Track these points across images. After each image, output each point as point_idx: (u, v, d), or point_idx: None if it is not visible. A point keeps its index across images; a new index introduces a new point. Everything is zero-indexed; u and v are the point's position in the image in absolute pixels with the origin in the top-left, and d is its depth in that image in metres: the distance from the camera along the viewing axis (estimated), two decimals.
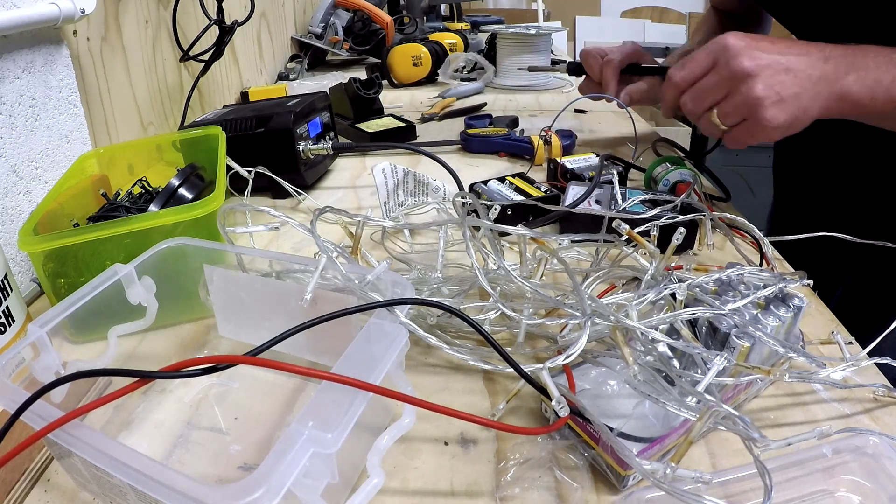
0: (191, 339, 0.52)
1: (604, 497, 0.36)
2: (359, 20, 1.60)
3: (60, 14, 0.61)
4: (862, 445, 0.35)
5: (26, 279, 0.61)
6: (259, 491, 0.26)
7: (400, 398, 0.32)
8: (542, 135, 0.86)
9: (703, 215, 0.55)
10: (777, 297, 0.41)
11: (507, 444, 0.40)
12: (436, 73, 1.43)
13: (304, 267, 0.46)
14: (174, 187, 0.61)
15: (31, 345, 0.38)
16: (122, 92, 0.79)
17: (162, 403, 0.45)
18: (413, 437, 0.41)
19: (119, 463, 0.28)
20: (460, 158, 0.94)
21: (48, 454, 0.39)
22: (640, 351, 0.37)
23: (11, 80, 0.59)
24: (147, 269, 0.47)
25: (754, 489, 0.33)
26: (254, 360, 0.32)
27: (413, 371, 0.47)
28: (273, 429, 0.42)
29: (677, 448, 0.34)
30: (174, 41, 0.91)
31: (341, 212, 0.53)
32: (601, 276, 0.49)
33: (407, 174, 0.69)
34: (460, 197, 0.58)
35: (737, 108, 0.57)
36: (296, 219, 0.47)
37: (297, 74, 1.46)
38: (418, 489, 0.37)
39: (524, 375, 0.36)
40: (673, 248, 0.47)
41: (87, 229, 0.51)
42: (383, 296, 0.41)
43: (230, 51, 1.16)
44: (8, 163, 0.58)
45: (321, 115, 0.85)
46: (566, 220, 0.67)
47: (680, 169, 0.70)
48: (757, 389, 0.43)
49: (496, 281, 0.49)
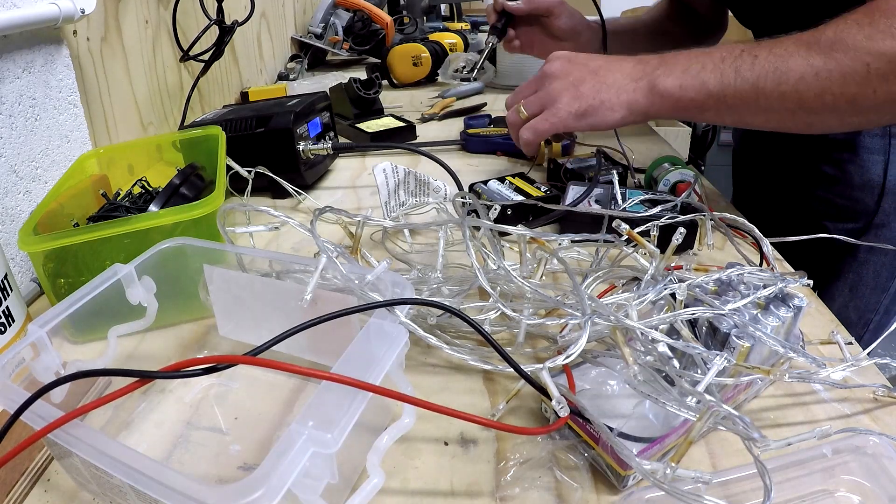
0: (191, 339, 0.52)
1: (604, 497, 0.36)
2: (359, 20, 1.60)
3: (60, 14, 0.61)
4: (862, 445, 0.35)
5: (26, 279, 0.61)
6: (259, 491, 0.26)
7: (400, 398, 0.32)
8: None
9: (703, 215, 0.55)
10: (777, 297, 0.41)
11: (507, 444, 0.40)
12: (436, 73, 1.43)
13: (304, 267, 0.46)
14: (174, 187, 0.61)
15: (31, 345, 0.38)
16: (121, 92, 0.79)
17: (162, 403, 0.45)
18: (413, 437, 0.41)
19: (119, 463, 0.28)
20: (460, 158, 0.93)
21: (48, 454, 0.39)
22: (640, 351, 0.37)
23: (11, 80, 0.59)
24: (147, 269, 0.46)
25: (754, 489, 0.33)
26: (254, 360, 0.32)
27: (413, 371, 0.47)
28: (273, 429, 0.42)
29: (677, 448, 0.34)
30: (174, 41, 0.91)
31: (341, 212, 0.53)
32: (601, 276, 0.49)
33: (408, 174, 0.69)
34: (460, 197, 0.58)
35: (538, 98, 0.66)
36: (296, 219, 0.47)
37: (297, 74, 1.46)
38: (418, 489, 0.37)
39: (524, 375, 0.36)
40: (673, 248, 0.47)
41: (87, 229, 0.51)
42: (383, 296, 0.41)
43: (230, 51, 1.16)
44: (8, 163, 0.58)
45: (321, 115, 0.85)
46: (566, 220, 0.67)
47: (680, 169, 0.70)
48: (757, 389, 0.43)
49: (496, 281, 0.49)
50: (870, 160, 0.75)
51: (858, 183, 0.76)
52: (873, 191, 0.76)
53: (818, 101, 0.53)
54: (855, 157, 0.76)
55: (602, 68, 0.63)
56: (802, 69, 0.53)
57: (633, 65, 0.62)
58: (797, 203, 0.84)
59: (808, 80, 0.52)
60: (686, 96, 0.58)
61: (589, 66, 0.64)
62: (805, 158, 0.81)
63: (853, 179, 0.77)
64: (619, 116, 0.62)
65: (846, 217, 0.79)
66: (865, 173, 0.76)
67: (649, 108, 0.61)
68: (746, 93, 0.55)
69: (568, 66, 0.65)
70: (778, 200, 0.89)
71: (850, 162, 0.76)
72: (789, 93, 0.54)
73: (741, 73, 0.55)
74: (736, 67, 0.56)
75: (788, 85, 0.53)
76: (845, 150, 0.76)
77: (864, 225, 0.78)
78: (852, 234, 0.71)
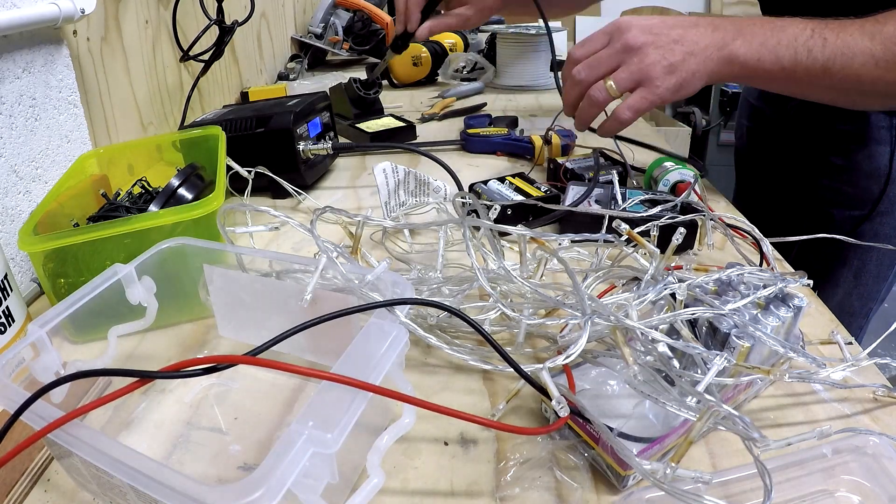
0: (191, 339, 0.52)
1: (604, 497, 0.36)
2: (359, 20, 1.60)
3: (60, 14, 0.60)
4: (862, 445, 0.35)
5: (26, 279, 0.61)
6: (259, 491, 0.26)
7: (400, 398, 0.32)
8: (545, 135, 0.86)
9: (703, 215, 0.55)
10: (777, 297, 0.41)
11: (507, 444, 0.40)
12: (436, 73, 1.43)
13: (304, 267, 0.46)
14: (174, 187, 0.61)
15: (31, 345, 0.38)
16: (121, 92, 0.79)
17: (162, 403, 0.45)
18: (413, 437, 0.41)
19: (119, 463, 0.28)
20: (460, 158, 0.93)
21: (48, 454, 0.39)
22: (640, 351, 0.37)
23: (11, 80, 0.59)
24: (147, 269, 0.46)
25: (754, 489, 0.33)
26: (254, 360, 0.32)
27: (413, 371, 0.47)
28: (273, 429, 0.42)
29: (677, 448, 0.34)
30: (174, 41, 0.91)
31: (341, 212, 0.53)
32: (601, 276, 0.49)
33: (408, 174, 0.69)
34: (460, 197, 0.58)
35: (631, 74, 0.63)
36: (296, 219, 0.47)
37: (297, 74, 1.46)
38: (418, 489, 0.37)
39: (524, 375, 0.36)
40: (673, 248, 0.47)
41: (87, 229, 0.51)
42: (383, 296, 0.41)
43: (230, 51, 1.16)
44: (8, 163, 0.58)
45: (321, 115, 0.85)
46: (566, 220, 0.67)
47: (680, 169, 0.70)
48: (757, 389, 0.43)
49: (496, 281, 0.49)
50: (878, 150, 0.79)
51: (867, 171, 0.80)
52: (880, 179, 0.80)
53: (872, 86, 0.59)
54: (864, 147, 0.79)
55: (683, 37, 0.62)
56: (866, 57, 0.58)
57: (712, 32, 0.62)
58: (804, 191, 0.86)
59: (869, 66, 0.58)
60: (762, 67, 0.61)
61: (671, 34, 0.62)
62: (814, 150, 0.84)
63: (861, 168, 0.80)
64: (701, 84, 0.64)
65: (852, 204, 0.82)
66: (873, 162, 0.79)
67: (726, 76, 0.63)
68: (815, 71, 0.59)
69: (651, 36, 0.63)
70: (784, 190, 0.91)
71: (859, 152, 0.79)
72: (851, 76, 0.59)
73: (813, 53, 0.59)
74: (809, 48, 0.59)
75: (852, 69, 0.58)
76: (853, 142, 0.79)
77: (868, 212, 0.81)
78: (857, 220, 0.79)
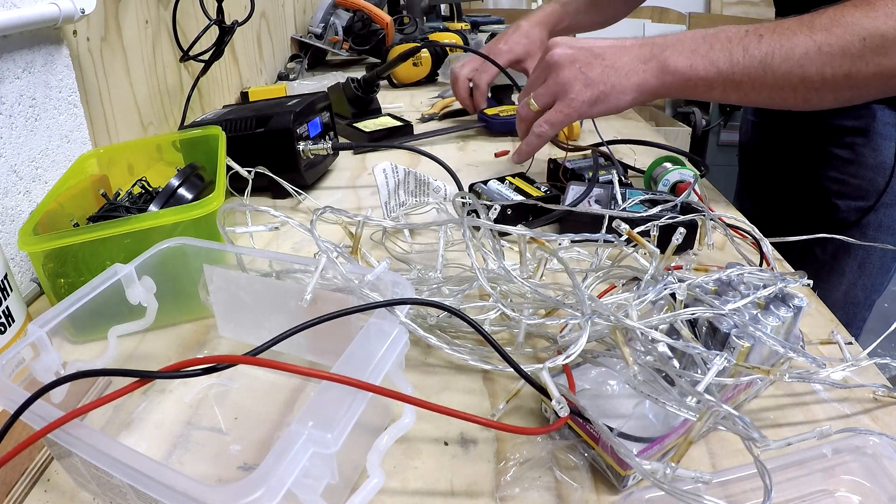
0: (191, 339, 0.52)
1: (604, 497, 0.36)
2: (359, 20, 1.60)
3: (60, 14, 0.60)
4: (862, 445, 0.35)
5: (26, 279, 0.61)
6: (259, 491, 0.26)
7: (400, 398, 0.32)
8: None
9: (703, 215, 0.55)
10: (777, 297, 0.41)
11: (507, 444, 0.40)
12: (436, 73, 1.43)
13: (304, 267, 0.46)
14: (174, 187, 0.61)
15: (31, 345, 0.38)
16: (121, 92, 0.79)
17: (162, 403, 0.45)
18: (413, 437, 0.41)
19: (119, 463, 0.28)
20: (460, 158, 0.93)
21: (48, 454, 0.39)
22: (640, 351, 0.37)
23: (11, 80, 0.59)
24: (147, 269, 0.46)
25: (754, 489, 0.33)
26: (254, 360, 0.32)
27: (413, 371, 0.47)
28: (273, 429, 0.42)
29: (677, 448, 0.34)
30: (174, 41, 0.91)
31: (341, 212, 0.53)
32: (601, 276, 0.49)
33: (408, 174, 0.69)
34: (460, 197, 0.58)
35: (548, 89, 0.66)
36: (296, 219, 0.47)
37: (297, 74, 1.46)
38: (418, 489, 0.37)
39: (524, 375, 0.36)
40: (673, 248, 0.47)
41: (87, 229, 0.51)
42: (383, 296, 0.41)
43: (230, 51, 1.16)
44: (8, 163, 0.58)
45: (321, 115, 0.85)
46: (566, 220, 0.67)
47: (680, 169, 0.70)
48: (757, 389, 0.43)
49: (496, 281, 0.49)
50: (882, 144, 0.80)
51: (872, 164, 0.81)
52: (885, 171, 0.81)
53: (819, 76, 0.56)
54: (868, 141, 0.80)
55: (607, 52, 0.63)
56: (806, 45, 0.56)
57: (639, 46, 0.63)
58: (809, 183, 0.88)
59: (811, 55, 0.56)
60: (696, 75, 0.60)
61: (593, 50, 0.64)
62: (817, 143, 0.85)
63: (866, 160, 0.81)
64: (630, 99, 0.63)
65: (857, 195, 0.83)
66: (879, 155, 0.81)
67: (659, 88, 0.62)
68: (754, 70, 0.58)
69: (572, 52, 0.65)
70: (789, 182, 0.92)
71: (864, 146, 0.81)
72: (794, 69, 0.57)
73: (749, 51, 0.58)
74: (744, 46, 0.58)
75: (793, 61, 0.56)
76: (858, 135, 0.81)
77: (873, 203, 0.82)
78: (862, 211, 0.81)
